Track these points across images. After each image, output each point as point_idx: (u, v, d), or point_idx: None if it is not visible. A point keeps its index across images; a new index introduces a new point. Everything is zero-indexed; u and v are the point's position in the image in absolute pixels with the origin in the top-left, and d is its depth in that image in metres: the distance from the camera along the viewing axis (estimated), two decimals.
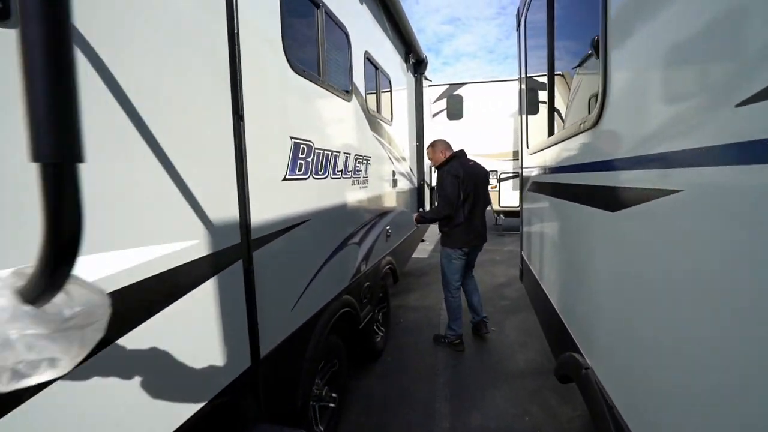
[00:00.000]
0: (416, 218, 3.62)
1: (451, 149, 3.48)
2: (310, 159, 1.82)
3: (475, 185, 3.29)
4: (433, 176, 6.44)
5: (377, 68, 3.15)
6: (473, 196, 3.27)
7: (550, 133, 2.24)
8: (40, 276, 0.49)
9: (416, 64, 4.89)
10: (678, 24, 0.85)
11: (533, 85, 3.16)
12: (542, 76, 2.54)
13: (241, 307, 1.32)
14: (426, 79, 5.40)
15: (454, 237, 3.33)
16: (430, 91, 8.09)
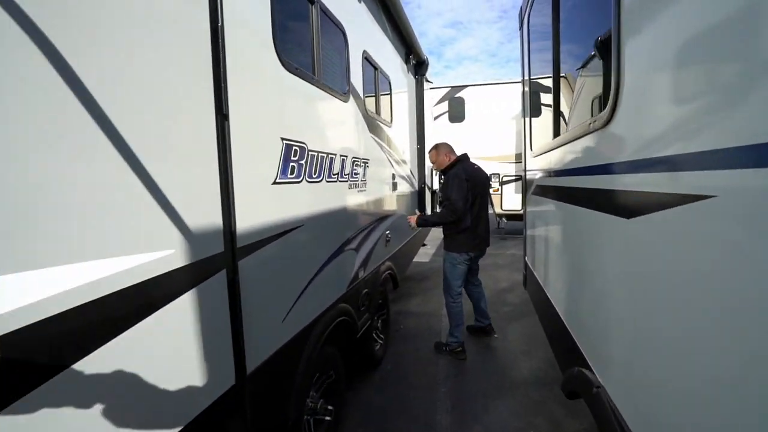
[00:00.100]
0: (415, 221, 3.38)
1: (454, 152, 3.44)
2: (303, 161, 1.74)
3: (481, 189, 3.29)
4: (434, 179, 6.36)
5: (376, 69, 3.07)
6: (479, 201, 3.26)
7: (556, 135, 2.14)
8: None
9: (417, 65, 4.81)
10: (711, 3, 0.74)
11: (537, 86, 3.07)
12: (546, 78, 2.45)
13: (225, 321, 1.22)
14: (427, 80, 5.32)
15: (461, 241, 3.28)
16: (432, 94, 8.02)
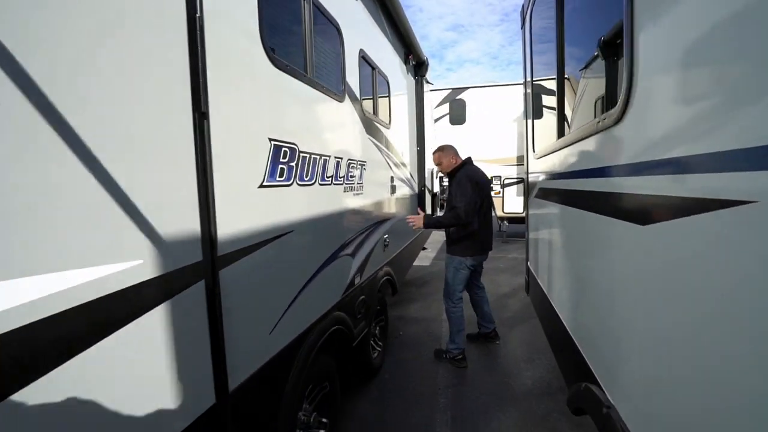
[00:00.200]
0: (422, 222, 3.13)
1: (459, 155, 3.38)
2: (293, 163, 1.64)
3: (486, 192, 3.26)
4: (435, 182, 6.26)
5: (374, 69, 2.98)
6: (486, 204, 3.23)
7: (560, 135, 2.04)
8: None
9: (417, 66, 4.73)
10: None
11: (539, 87, 2.97)
12: (550, 80, 2.36)
13: (203, 336, 1.13)
14: (427, 82, 5.23)
15: (466, 245, 3.21)
16: (432, 96, 7.94)
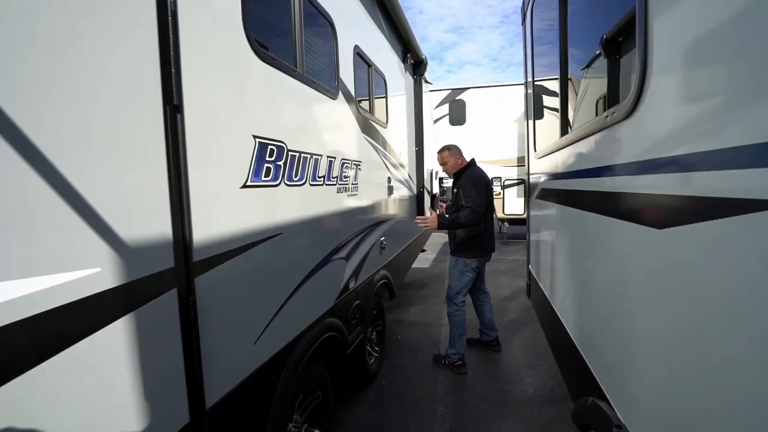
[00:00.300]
0: (436, 222, 3.01)
1: (464, 156, 3.35)
2: (281, 162, 1.55)
3: (491, 194, 3.23)
4: (434, 183, 6.17)
5: (370, 66, 2.89)
6: (491, 205, 3.23)
7: (564, 133, 1.95)
8: None
9: (415, 65, 4.63)
10: None
11: (542, 86, 2.87)
12: (553, 79, 2.26)
13: (175, 349, 1.03)
14: (426, 81, 5.13)
15: (474, 246, 3.16)
16: (432, 96, 7.84)
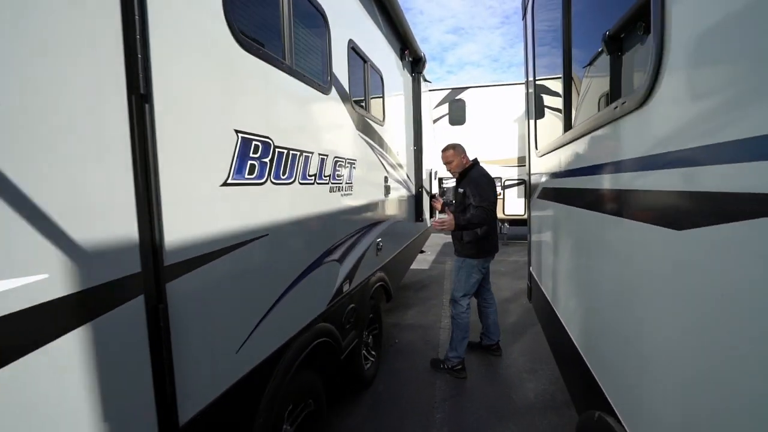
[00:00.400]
0: (453, 223, 2.98)
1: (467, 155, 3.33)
2: (267, 159, 1.46)
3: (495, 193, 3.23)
4: (434, 183, 6.08)
5: (366, 62, 2.80)
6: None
7: (567, 128, 1.85)
8: None
9: (414, 62, 4.54)
10: None
11: (543, 86, 2.78)
12: (556, 78, 2.17)
13: (142, 361, 0.94)
14: (425, 80, 5.04)
15: (481, 246, 3.10)
16: (431, 96, 7.75)
